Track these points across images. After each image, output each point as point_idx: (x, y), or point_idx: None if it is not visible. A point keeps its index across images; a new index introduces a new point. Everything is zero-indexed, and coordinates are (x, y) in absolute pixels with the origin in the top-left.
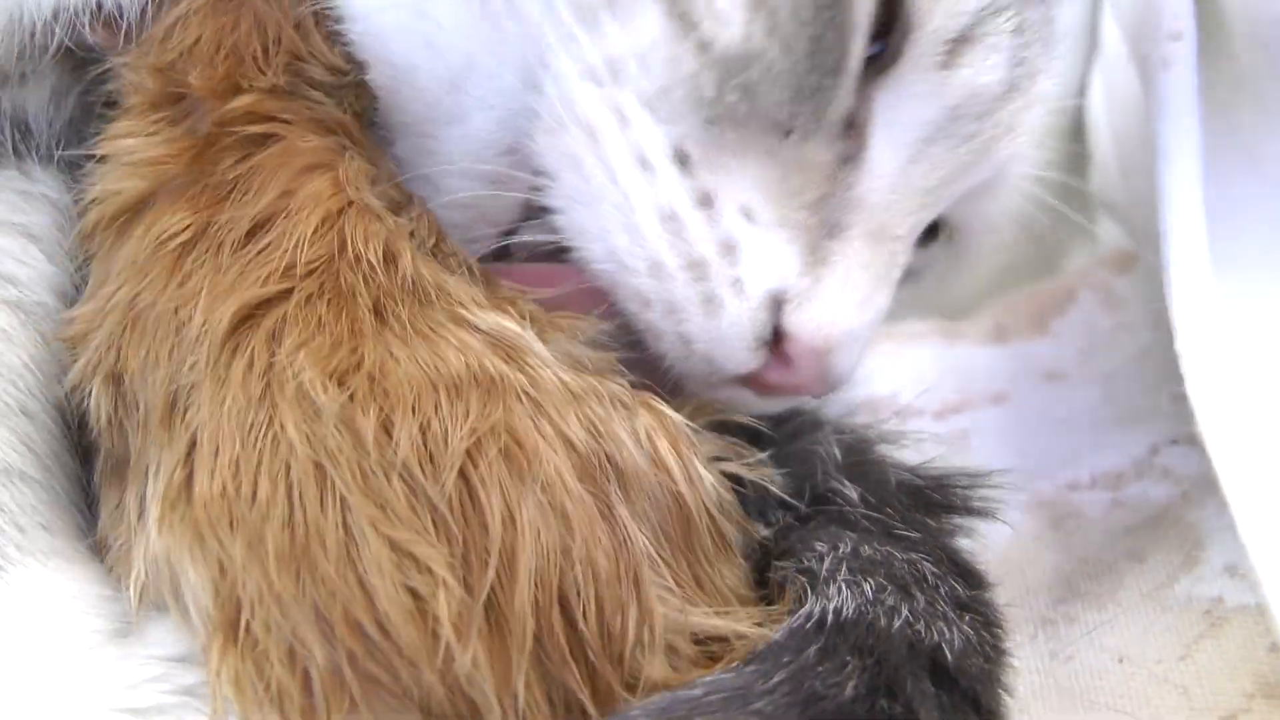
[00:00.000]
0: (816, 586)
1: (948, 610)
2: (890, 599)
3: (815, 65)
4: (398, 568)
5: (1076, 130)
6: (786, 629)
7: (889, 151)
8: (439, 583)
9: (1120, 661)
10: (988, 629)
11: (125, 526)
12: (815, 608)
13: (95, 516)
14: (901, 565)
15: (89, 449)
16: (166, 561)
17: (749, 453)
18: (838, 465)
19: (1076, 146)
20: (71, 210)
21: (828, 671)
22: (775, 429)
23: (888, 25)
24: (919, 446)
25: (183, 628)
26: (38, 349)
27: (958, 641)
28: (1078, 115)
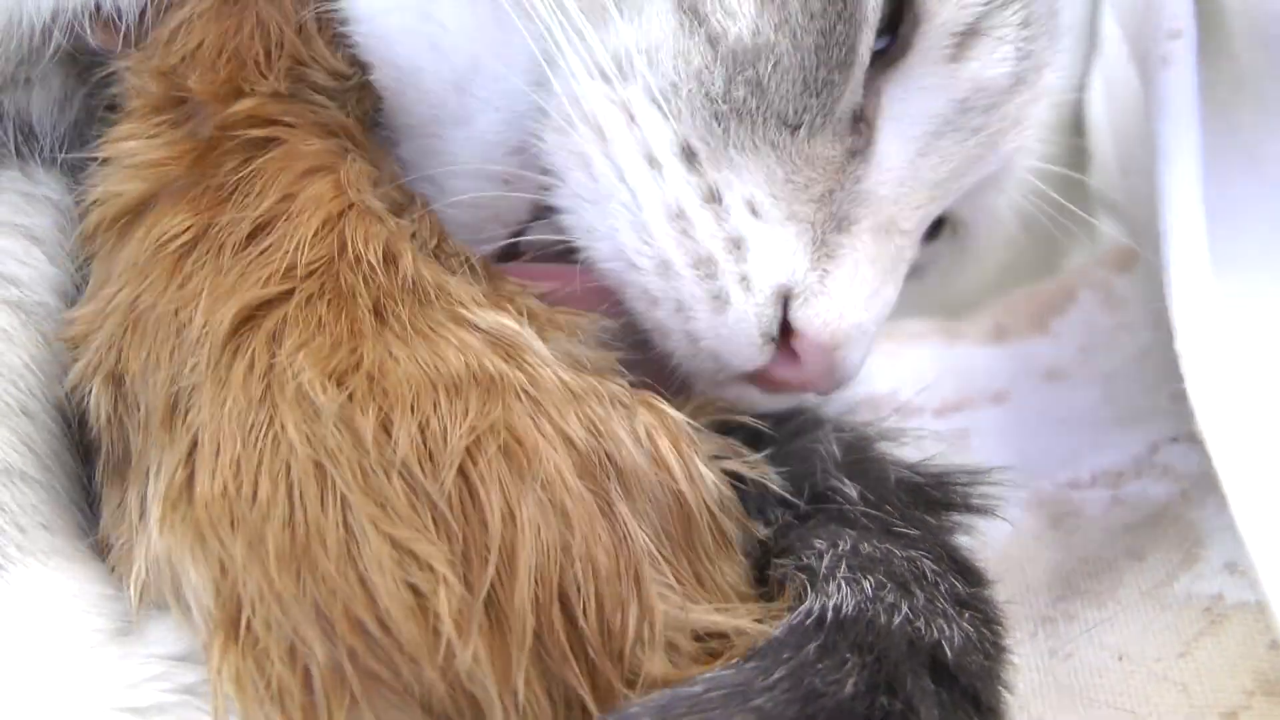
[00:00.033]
0: (816, 584)
1: (947, 607)
2: (890, 596)
3: (824, 59)
4: (398, 565)
5: (1077, 124)
6: (786, 626)
7: (897, 145)
8: (439, 580)
9: (1120, 659)
10: (987, 626)
11: (127, 526)
12: (815, 605)
13: (97, 515)
14: (901, 562)
15: (90, 447)
16: (168, 561)
17: (749, 451)
18: (837, 463)
19: (1078, 140)
20: (73, 212)
21: (827, 668)
22: (775, 427)
23: (896, 18)
24: (919, 444)
25: (184, 626)
26: (39, 349)
27: (957, 639)
28: (1078, 109)
